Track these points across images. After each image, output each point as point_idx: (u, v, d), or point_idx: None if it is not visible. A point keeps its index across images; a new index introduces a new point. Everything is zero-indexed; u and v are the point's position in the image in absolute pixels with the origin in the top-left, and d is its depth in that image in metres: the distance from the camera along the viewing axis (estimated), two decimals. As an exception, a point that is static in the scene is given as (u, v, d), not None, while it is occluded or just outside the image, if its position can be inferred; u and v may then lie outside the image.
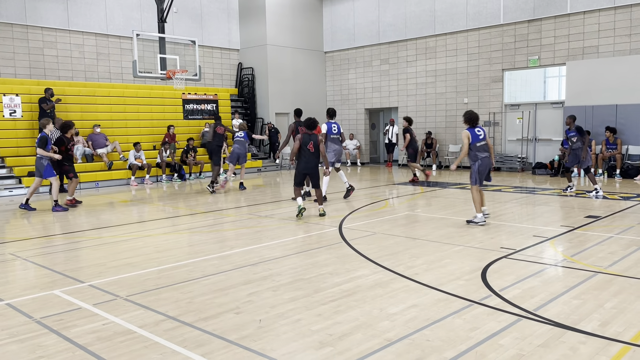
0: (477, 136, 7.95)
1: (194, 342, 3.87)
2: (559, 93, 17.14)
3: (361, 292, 4.96)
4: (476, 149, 7.93)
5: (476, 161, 7.95)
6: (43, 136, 10.40)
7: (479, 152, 7.94)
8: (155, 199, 12.54)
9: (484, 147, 8.02)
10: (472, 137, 7.91)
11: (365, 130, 21.61)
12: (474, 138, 7.91)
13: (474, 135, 7.93)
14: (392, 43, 20.01)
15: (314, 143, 8.91)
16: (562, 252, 6.49)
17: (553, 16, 16.01)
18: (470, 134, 7.92)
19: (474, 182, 8.04)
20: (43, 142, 10.37)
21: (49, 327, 4.21)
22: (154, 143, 16.96)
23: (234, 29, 21.16)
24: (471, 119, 8.03)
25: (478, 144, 7.94)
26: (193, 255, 6.66)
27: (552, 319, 4.17)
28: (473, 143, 7.92)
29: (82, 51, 17.12)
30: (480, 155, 7.95)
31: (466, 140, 7.90)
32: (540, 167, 16.09)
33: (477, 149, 7.93)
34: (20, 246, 7.37)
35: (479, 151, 7.94)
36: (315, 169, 9.02)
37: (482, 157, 7.95)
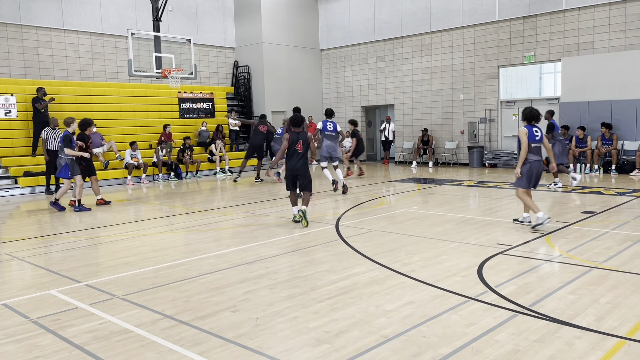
0: (534, 136, 7.31)
1: (190, 341, 3.87)
2: (554, 89, 17.16)
3: (358, 289, 4.97)
4: (530, 149, 7.32)
5: (526, 164, 7.32)
6: (67, 135, 10.11)
7: (530, 153, 7.31)
8: (151, 198, 12.53)
9: (538, 149, 7.38)
10: (529, 136, 7.27)
11: (362, 128, 21.60)
12: (531, 137, 7.27)
13: (531, 134, 7.29)
14: (388, 40, 20.00)
15: (302, 142, 8.28)
16: (558, 247, 6.51)
17: (548, 12, 16.03)
18: (528, 132, 7.30)
19: (520, 185, 7.42)
20: (68, 141, 10.10)
21: (45, 327, 4.21)
22: (150, 142, 16.93)
23: (230, 27, 21.12)
24: (531, 116, 7.40)
25: (533, 144, 7.31)
26: (190, 254, 6.66)
27: (547, 315, 4.19)
28: (528, 142, 7.28)
29: (77, 50, 17.06)
30: (531, 158, 7.31)
31: (524, 137, 7.25)
32: (536, 163, 16.11)
33: (530, 149, 7.32)
34: (17, 246, 7.35)
35: (531, 152, 7.31)
36: (305, 169, 8.33)
37: (533, 160, 7.32)
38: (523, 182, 7.38)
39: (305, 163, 8.37)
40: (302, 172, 8.30)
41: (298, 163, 8.28)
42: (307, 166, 8.41)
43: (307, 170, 8.37)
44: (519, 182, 7.41)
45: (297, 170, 8.28)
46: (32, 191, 13.62)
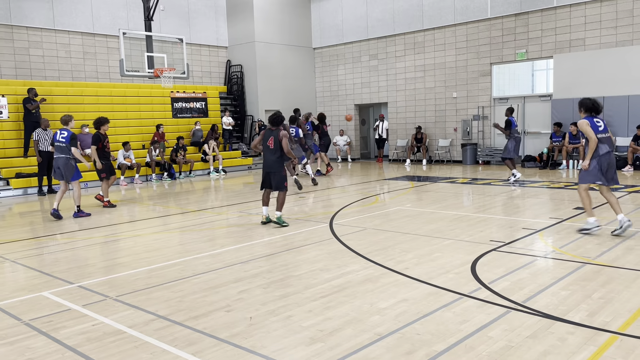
0: (597, 127, 6.63)
1: (184, 341, 3.86)
2: (546, 86, 17.23)
3: (352, 287, 4.97)
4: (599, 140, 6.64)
5: (594, 157, 6.62)
6: (73, 134, 9.67)
7: (599, 144, 6.61)
8: (145, 198, 12.48)
9: (606, 139, 6.66)
10: (592, 127, 6.60)
11: (356, 126, 21.62)
12: (594, 128, 6.60)
13: (594, 125, 6.61)
14: (381, 38, 20.01)
15: (274, 139, 7.96)
16: (551, 243, 6.54)
17: (540, 9, 16.09)
18: (590, 123, 6.62)
19: (585, 181, 6.77)
20: (75, 140, 9.76)
21: (37, 329, 4.18)
22: (143, 142, 16.86)
23: (222, 26, 21.06)
24: (592, 107, 6.73)
25: (599, 135, 6.60)
26: (184, 254, 6.64)
27: (540, 311, 4.20)
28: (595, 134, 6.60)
29: (69, 51, 16.96)
30: (601, 149, 6.60)
31: (588, 127, 6.55)
32: (529, 159, 16.19)
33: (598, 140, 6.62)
34: (9, 248, 7.30)
35: (600, 143, 6.61)
36: (277, 167, 8.00)
37: (603, 154, 6.60)
38: (592, 178, 6.69)
39: (279, 161, 8.05)
40: (274, 169, 8.02)
41: (269, 160, 8.05)
42: (281, 164, 8.11)
43: (280, 167, 8.05)
44: (584, 178, 6.76)
45: (269, 168, 8.06)
46: (24, 193, 13.53)
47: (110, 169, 10.81)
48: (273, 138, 8.00)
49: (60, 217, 9.49)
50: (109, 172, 10.75)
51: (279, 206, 8.09)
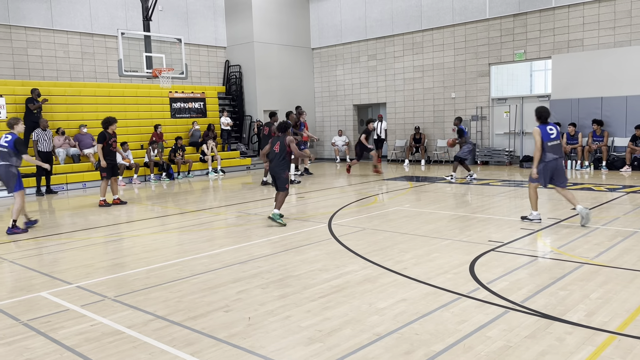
0: (549, 135, 7.30)
1: (182, 341, 3.86)
2: (545, 86, 17.26)
3: (350, 287, 4.97)
4: (547, 148, 7.30)
5: (541, 162, 7.34)
6: (18, 139, 8.47)
7: (548, 152, 7.30)
8: (143, 198, 12.47)
9: (555, 148, 7.35)
10: (543, 135, 7.27)
11: (354, 127, 21.61)
12: (545, 136, 7.27)
13: (546, 133, 7.28)
14: (379, 39, 20.02)
15: (280, 144, 8.38)
16: (549, 244, 6.55)
17: (538, 10, 16.11)
18: (542, 131, 7.30)
19: (533, 181, 7.54)
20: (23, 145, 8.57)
21: (36, 330, 4.18)
22: (141, 142, 16.84)
23: (220, 27, 21.05)
24: (545, 115, 7.40)
25: (549, 143, 7.29)
26: (182, 254, 6.64)
27: (539, 311, 4.21)
28: (544, 142, 7.28)
29: (67, 51, 16.93)
30: (547, 157, 7.31)
31: (538, 137, 7.25)
32: (527, 160, 16.20)
33: (547, 148, 7.30)
34: (7, 248, 7.29)
35: (548, 151, 7.30)
36: (280, 170, 8.37)
37: (549, 159, 7.33)
38: (535, 180, 7.52)
39: (282, 164, 8.37)
40: (277, 172, 8.40)
41: (274, 163, 8.42)
42: (284, 167, 8.39)
43: (283, 170, 8.37)
44: (532, 179, 7.58)
45: (273, 171, 8.45)
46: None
47: (112, 169, 10.90)
48: (279, 143, 8.40)
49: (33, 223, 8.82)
50: (110, 172, 10.80)
51: (278, 205, 8.32)
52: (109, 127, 10.71)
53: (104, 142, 10.65)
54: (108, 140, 10.69)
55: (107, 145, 10.70)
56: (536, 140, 7.30)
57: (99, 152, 10.61)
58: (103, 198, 10.85)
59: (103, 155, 10.62)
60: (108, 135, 10.68)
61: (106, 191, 10.97)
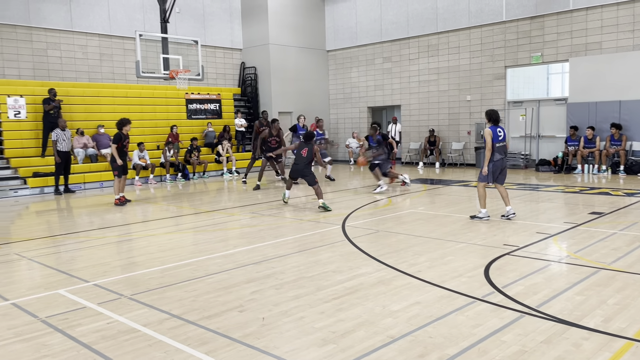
0: (498, 137, 7.95)
1: (197, 340, 3.89)
2: (562, 89, 17.09)
3: (364, 289, 4.97)
4: (495, 148, 7.94)
5: (490, 162, 7.98)
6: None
7: (496, 152, 7.96)
8: (159, 198, 12.58)
9: (502, 148, 8.03)
10: (493, 137, 7.90)
11: (368, 129, 21.56)
12: (495, 137, 7.91)
13: (495, 135, 7.92)
14: (395, 41, 19.99)
15: (308, 150, 10.06)
16: (566, 248, 6.49)
17: (555, 12, 15.96)
18: (492, 133, 7.92)
19: (482, 180, 8.15)
20: None
21: (53, 327, 4.24)
22: (157, 143, 17.00)
23: (237, 29, 21.18)
24: (496, 118, 8.06)
25: (497, 144, 7.95)
26: (197, 254, 6.69)
27: (555, 316, 4.17)
28: (493, 142, 7.91)
29: (86, 52, 17.17)
30: (495, 157, 7.97)
31: (489, 137, 7.88)
32: (543, 163, 16.05)
33: (495, 149, 7.95)
34: (26, 246, 7.41)
35: (496, 151, 7.96)
36: (308, 171, 10.04)
37: (497, 159, 7.99)
38: (484, 177, 8.13)
39: (309, 166, 10.09)
40: (305, 173, 10.05)
41: (301, 164, 10.04)
42: (310, 168, 10.13)
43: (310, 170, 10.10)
44: (483, 177, 8.14)
45: (302, 171, 10.08)
46: (41, 192, 13.72)
47: (124, 168, 11.21)
48: (307, 149, 10.10)
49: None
50: (122, 170, 11.14)
51: (319, 196, 9.82)
52: (123, 128, 10.99)
53: (119, 143, 10.95)
54: (123, 141, 11.00)
55: (122, 146, 11.02)
56: (487, 140, 7.89)
57: (114, 152, 10.91)
58: (117, 196, 11.09)
59: (118, 155, 10.92)
60: (123, 136, 10.99)
61: (119, 189, 11.19)
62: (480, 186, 8.18)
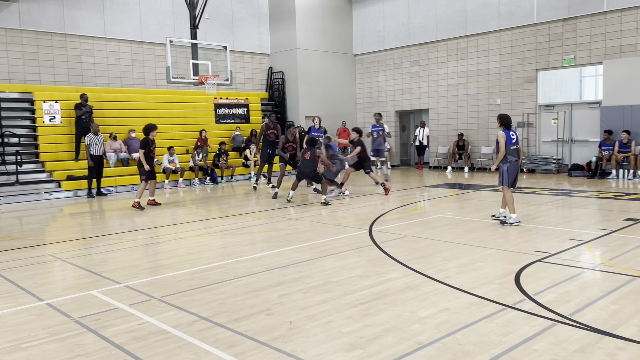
0: (511, 140, 8.14)
1: (226, 343, 3.92)
2: (595, 93, 16.69)
3: (391, 295, 4.94)
4: (508, 151, 8.12)
5: (505, 163, 8.15)
6: None
7: (510, 155, 8.14)
8: (188, 201, 12.76)
9: (516, 151, 8.20)
10: (506, 139, 8.08)
11: (395, 133, 21.48)
12: (508, 140, 8.10)
13: (509, 138, 8.11)
14: (423, 44, 19.86)
15: (311, 153, 11.19)
16: (600, 255, 6.32)
17: (589, 14, 15.61)
18: (506, 135, 8.10)
19: (503, 183, 8.23)
20: None
21: (86, 327, 4.34)
22: (186, 147, 17.26)
23: (265, 34, 21.37)
24: (508, 122, 8.23)
25: (511, 147, 8.13)
26: (225, 257, 6.75)
27: (588, 324, 4.07)
28: (507, 145, 8.08)
29: (118, 58, 17.57)
30: (510, 159, 8.14)
31: (502, 140, 8.06)
32: (576, 168, 15.69)
33: (509, 151, 8.12)
34: (60, 248, 7.60)
35: (510, 154, 8.14)
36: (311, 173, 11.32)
37: (512, 161, 8.16)
38: (504, 180, 8.19)
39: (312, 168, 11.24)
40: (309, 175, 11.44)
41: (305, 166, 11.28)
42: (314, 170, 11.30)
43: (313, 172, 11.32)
44: (501, 180, 8.24)
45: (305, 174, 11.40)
46: (75, 194, 14.07)
47: (151, 173, 11.41)
48: (310, 153, 11.18)
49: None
50: (149, 175, 11.34)
51: (324, 191, 11.01)
52: (150, 134, 11.23)
53: (146, 149, 11.18)
54: (150, 147, 11.24)
55: (149, 151, 11.25)
56: (501, 142, 8.07)
57: (142, 157, 11.16)
58: (138, 200, 11.29)
59: (145, 160, 11.17)
60: (150, 142, 11.23)
61: (141, 192, 11.40)
62: (507, 190, 8.21)
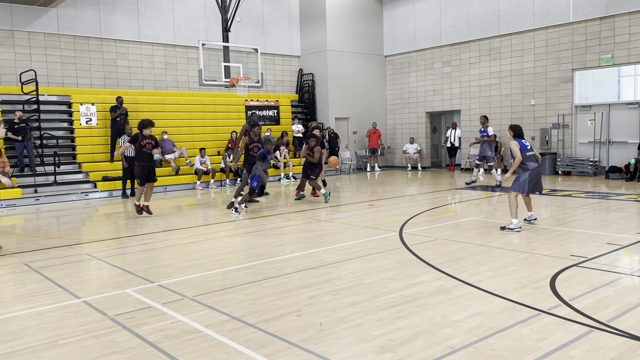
0: (526, 147, 8.15)
1: (256, 343, 3.95)
2: (634, 93, 16.20)
3: (422, 298, 4.89)
4: (526, 158, 8.08)
5: (526, 171, 8.09)
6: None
7: (529, 161, 8.10)
8: (219, 202, 12.91)
9: (533, 157, 8.19)
10: (521, 147, 8.08)
11: (426, 134, 21.29)
12: (523, 148, 8.10)
13: (523, 146, 8.12)
14: (454, 45, 19.63)
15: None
16: (639, 261, 6.12)
17: (627, 12, 15.16)
18: (519, 144, 8.12)
19: (516, 189, 8.11)
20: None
21: (121, 324, 4.43)
22: (218, 149, 17.48)
23: (295, 36, 21.48)
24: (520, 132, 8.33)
25: (527, 153, 8.12)
26: (255, 257, 6.81)
27: (627, 331, 3.94)
28: (523, 153, 8.07)
29: (152, 61, 17.93)
30: (530, 165, 8.10)
31: (516, 148, 8.06)
32: (614, 171, 15.24)
33: (526, 158, 8.09)
34: (96, 247, 7.80)
35: (529, 160, 8.11)
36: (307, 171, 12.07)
37: (533, 167, 8.10)
38: (520, 187, 8.06)
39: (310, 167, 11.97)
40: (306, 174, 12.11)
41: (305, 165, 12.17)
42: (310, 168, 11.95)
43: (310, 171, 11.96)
44: (515, 187, 8.11)
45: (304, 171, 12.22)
46: (110, 195, 14.41)
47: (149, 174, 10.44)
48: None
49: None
50: (144, 177, 10.41)
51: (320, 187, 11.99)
52: (143, 130, 10.35)
53: (136, 143, 10.39)
54: (141, 142, 10.35)
55: (140, 147, 10.38)
56: (515, 151, 8.02)
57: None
58: (137, 202, 10.53)
59: (137, 158, 10.46)
60: (141, 137, 10.34)
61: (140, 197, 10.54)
62: (512, 195, 8.11)
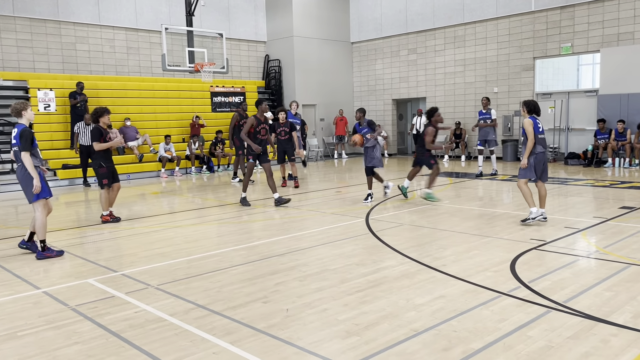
0: (538, 128, 7.18)
1: (222, 330, 3.94)
2: (592, 81, 16.70)
3: (387, 282, 4.96)
4: (538, 140, 7.15)
5: (532, 155, 7.16)
6: (22, 129, 6.20)
7: (537, 144, 7.16)
8: (184, 190, 12.75)
9: (543, 140, 7.23)
10: (534, 127, 7.12)
11: (393, 121, 21.45)
12: (536, 128, 7.14)
13: (536, 126, 7.15)
14: (420, 32, 19.77)
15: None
16: (595, 243, 6.36)
17: (587, 2, 15.55)
18: (533, 124, 7.14)
19: (523, 176, 7.32)
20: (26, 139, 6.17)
21: (83, 315, 4.35)
22: (183, 136, 17.21)
23: (261, 21, 21.23)
24: (535, 108, 7.25)
25: (540, 136, 7.18)
26: (221, 245, 6.77)
27: (582, 311, 4.10)
28: (535, 134, 7.11)
29: (113, 46, 17.43)
30: (537, 149, 7.16)
31: (530, 128, 7.08)
32: (572, 157, 15.73)
33: (538, 140, 7.15)
34: (56, 237, 7.60)
35: (538, 143, 7.16)
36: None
37: (538, 152, 7.18)
38: (525, 173, 7.30)
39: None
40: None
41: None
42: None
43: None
44: (522, 174, 7.34)
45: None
46: (71, 183, 14.04)
47: (113, 174, 8.49)
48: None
49: (33, 249, 6.50)
50: (112, 177, 8.46)
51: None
52: (100, 120, 8.27)
53: (102, 139, 8.23)
54: (105, 136, 8.30)
55: (105, 142, 8.27)
56: (529, 131, 7.10)
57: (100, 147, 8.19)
58: (106, 212, 8.50)
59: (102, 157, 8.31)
60: (104, 131, 8.28)
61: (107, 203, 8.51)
62: (522, 183, 7.33)
